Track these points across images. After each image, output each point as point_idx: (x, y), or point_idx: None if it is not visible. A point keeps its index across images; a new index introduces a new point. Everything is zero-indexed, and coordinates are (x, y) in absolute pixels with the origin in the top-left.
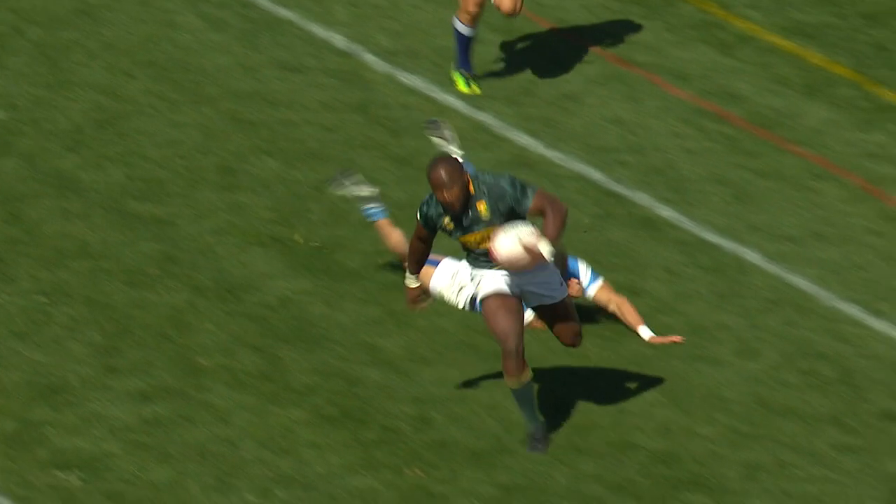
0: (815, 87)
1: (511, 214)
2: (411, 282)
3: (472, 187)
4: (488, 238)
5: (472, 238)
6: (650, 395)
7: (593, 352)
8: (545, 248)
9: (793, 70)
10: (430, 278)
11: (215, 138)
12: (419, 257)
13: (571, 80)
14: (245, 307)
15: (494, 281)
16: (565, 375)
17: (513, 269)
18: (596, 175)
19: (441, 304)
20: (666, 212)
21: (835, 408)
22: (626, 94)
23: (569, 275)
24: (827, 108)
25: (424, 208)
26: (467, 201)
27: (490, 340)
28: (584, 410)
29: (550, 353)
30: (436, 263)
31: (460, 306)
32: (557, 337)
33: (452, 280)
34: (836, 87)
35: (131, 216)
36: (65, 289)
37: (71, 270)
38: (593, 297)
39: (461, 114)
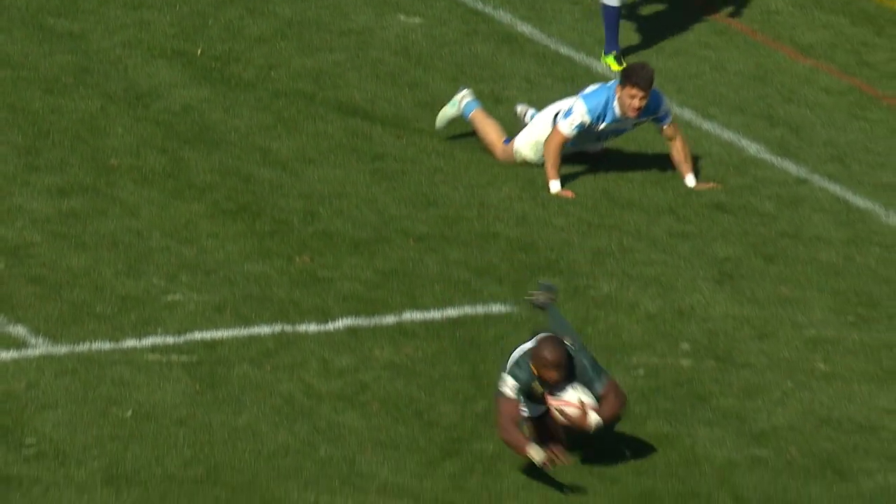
0: None
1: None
2: (535, 453)
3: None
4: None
5: (544, 397)
6: (510, 190)
7: (460, 154)
8: (593, 419)
9: None
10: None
11: None
12: (519, 425)
13: None
14: (151, 113)
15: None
16: (434, 173)
17: (559, 420)
18: None
19: (327, 111)
20: (525, 28)
21: (671, 200)
22: None
23: None
24: None
25: (519, 382)
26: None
27: (371, 144)
28: (452, 204)
29: (422, 152)
30: (507, 141)
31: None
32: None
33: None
34: None
35: (48, 31)
36: None
37: None
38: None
39: None
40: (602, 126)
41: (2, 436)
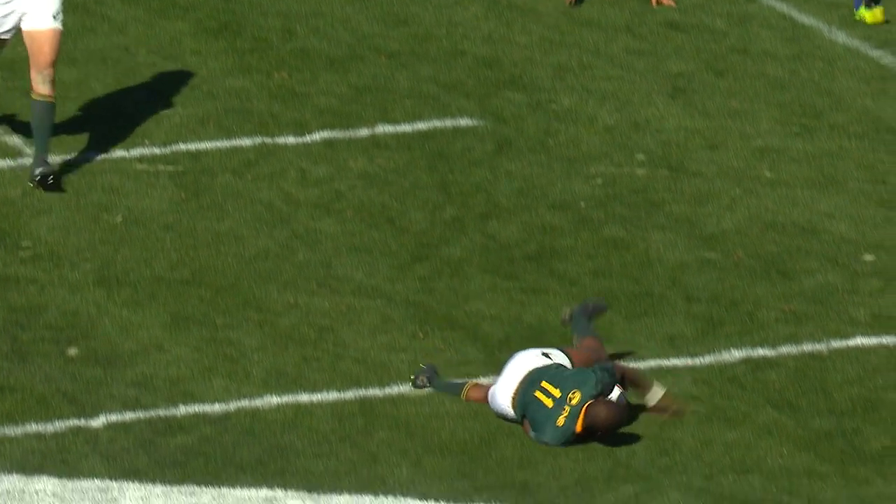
0: None
1: None
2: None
3: None
4: None
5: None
6: (476, 10)
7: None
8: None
9: None
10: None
11: None
12: None
13: None
14: None
15: None
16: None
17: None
18: None
19: None
20: None
21: (627, 19)
22: None
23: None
24: None
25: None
26: None
27: None
28: (422, 23)
29: None
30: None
31: None
32: None
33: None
34: None
35: None
36: None
37: None
38: None
39: None
40: None
41: (0, 239)
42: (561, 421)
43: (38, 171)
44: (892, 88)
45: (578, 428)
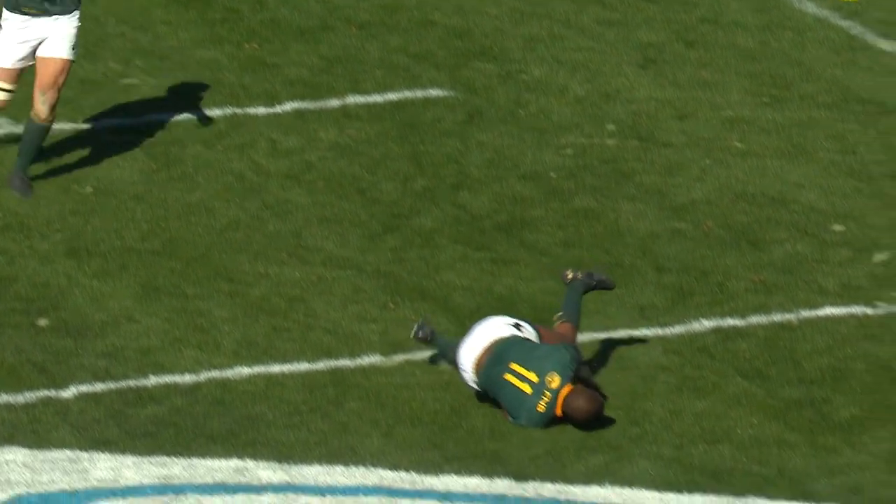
0: None
1: None
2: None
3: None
4: None
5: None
6: None
7: None
8: None
9: None
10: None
11: None
12: None
13: None
14: None
15: None
16: None
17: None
18: None
19: None
20: None
21: None
22: None
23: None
24: None
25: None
26: None
27: None
28: None
29: None
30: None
31: None
32: None
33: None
34: None
35: None
36: None
37: None
38: None
39: None
40: None
41: None
42: (542, 407)
43: (15, 181)
44: (861, 58)
45: (558, 412)
